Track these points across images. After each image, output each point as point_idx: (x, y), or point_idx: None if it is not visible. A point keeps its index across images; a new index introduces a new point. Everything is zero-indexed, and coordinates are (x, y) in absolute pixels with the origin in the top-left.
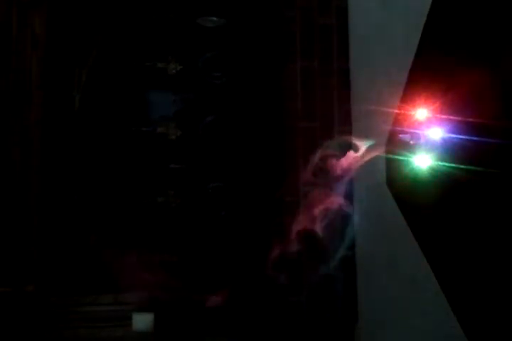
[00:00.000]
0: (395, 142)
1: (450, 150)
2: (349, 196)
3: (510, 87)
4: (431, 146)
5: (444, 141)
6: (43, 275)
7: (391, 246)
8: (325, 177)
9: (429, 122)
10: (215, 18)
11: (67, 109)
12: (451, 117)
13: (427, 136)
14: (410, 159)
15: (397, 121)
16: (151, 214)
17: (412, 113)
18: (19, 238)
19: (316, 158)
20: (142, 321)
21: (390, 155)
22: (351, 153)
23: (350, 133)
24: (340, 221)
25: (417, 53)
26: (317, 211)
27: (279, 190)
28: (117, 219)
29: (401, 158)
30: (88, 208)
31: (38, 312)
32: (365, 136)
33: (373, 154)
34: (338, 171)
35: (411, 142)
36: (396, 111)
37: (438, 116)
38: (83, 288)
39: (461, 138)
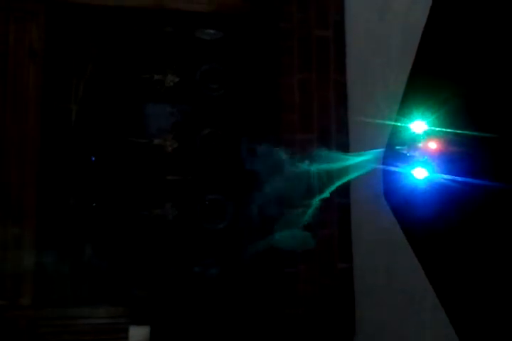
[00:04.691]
0: (392, 154)
1: (447, 162)
2: (346, 207)
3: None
4: (428, 158)
5: (441, 153)
6: (39, 288)
7: (389, 257)
8: None
9: (425, 134)
10: (212, 31)
11: (64, 121)
12: (448, 129)
13: (424, 148)
14: (407, 171)
15: (394, 133)
16: (148, 226)
17: (409, 125)
18: (15, 250)
19: None
20: (138, 334)
21: (387, 167)
22: None
23: (347, 145)
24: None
25: (413, 65)
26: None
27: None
28: (113, 231)
29: (398, 170)
30: (84, 220)
31: (33, 325)
32: (362, 147)
33: (370, 166)
34: None
35: (408, 154)
36: (393, 123)
37: (435, 128)
38: (79, 301)
39: (458, 150)
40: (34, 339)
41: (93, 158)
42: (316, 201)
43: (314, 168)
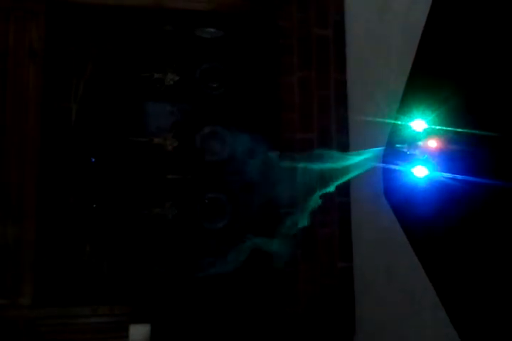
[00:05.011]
0: (392, 152)
1: (447, 161)
2: (347, 206)
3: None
4: (428, 157)
5: (441, 151)
6: (39, 286)
7: (389, 256)
8: None
9: (426, 133)
10: (212, 30)
11: (64, 120)
12: (448, 128)
13: (424, 147)
14: (407, 170)
15: (394, 131)
16: (148, 225)
17: (409, 124)
18: (15, 249)
19: None
20: (139, 332)
21: (387, 166)
22: None
23: (347, 144)
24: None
25: (413, 64)
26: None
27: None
28: (113, 230)
29: (398, 168)
30: (84, 219)
31: (33, 324)
32: (362, 146)
33: (371, 165)
34: None
35: (408, 152)
36: (393, 122)
37: (435, 126)
38: (79, 300)
39: (458, 149)
40: (34, 339)
41: (93, 159)
42: (315, 200)
43: (314, 167)
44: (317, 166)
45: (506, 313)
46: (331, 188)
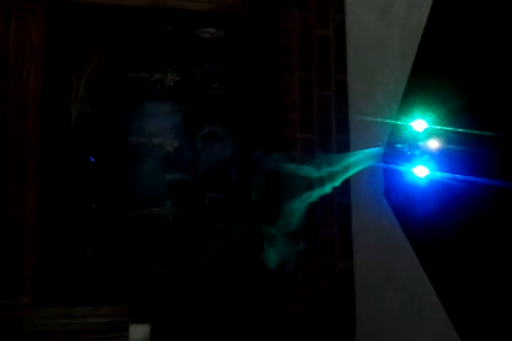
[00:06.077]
0: (393, 152)
1: (448, 161)
2: (347, 206)
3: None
4: (428, 157)
5: (442, 151)
6: (39, 286)
7: (389, 256)
8: None
9: (426, 133)
10: (212, 30)
11: (64, 120)
12: (449, 128)
13: (425, 147)
14: (408, 170)
15: (394, 131)
16: (147, 225)
17: (410, 123)
18: (15, 249)
19: None
20: (139, 332)
21: (388, 166)
22: None
23: (347, 144)
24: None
25: (414, 64)
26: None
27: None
28: (113, 231)
29: (399, 168)
30: (84, 219)
31: (33, 324)
32: (362, 146)
33: (369, 164)
34: None
35: (409, 152)
36: (393, 122)
37: (436, 126)
38: (79, 300)
39: (459, 149)
40: (34, 338)
41: (92, 158)
42: (315, 200)
43: (314, 166)
44: (318, 166)
45: (506, 313)
46: (331, 188)
